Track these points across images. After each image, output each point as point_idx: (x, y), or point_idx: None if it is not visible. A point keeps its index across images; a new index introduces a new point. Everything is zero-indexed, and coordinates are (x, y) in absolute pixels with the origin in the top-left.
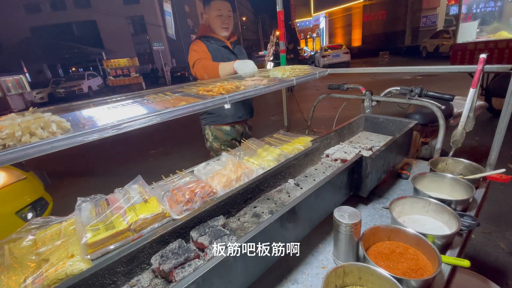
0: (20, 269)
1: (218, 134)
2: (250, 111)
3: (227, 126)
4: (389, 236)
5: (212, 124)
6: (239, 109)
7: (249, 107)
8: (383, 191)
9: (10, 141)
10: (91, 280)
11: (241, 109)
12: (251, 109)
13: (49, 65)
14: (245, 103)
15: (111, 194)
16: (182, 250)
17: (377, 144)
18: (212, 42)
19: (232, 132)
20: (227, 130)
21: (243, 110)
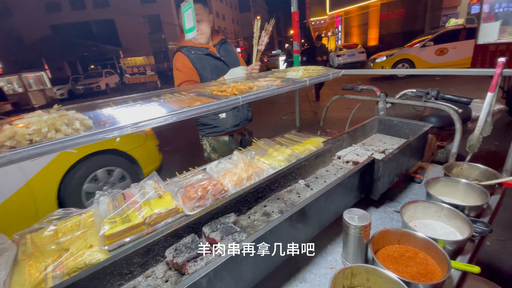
0: (42, 257)
1: (216, 145)
2: (247, 116)
3: (225, 136)
4: (399, 240)
5: (209, 135)
6: (236, 116)
7: (245, 112)
8: (395, 195)
9: (37, 137)
10: (110, 269)
11: (238, 116)
12: (249, 113)
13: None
14: (241, 109)
15: (127, 189)
16: (194, 245)
17: (391, 147)
18: (193, 52)
19: (230, 142)
20: (225, 140)
21: (240, 117)
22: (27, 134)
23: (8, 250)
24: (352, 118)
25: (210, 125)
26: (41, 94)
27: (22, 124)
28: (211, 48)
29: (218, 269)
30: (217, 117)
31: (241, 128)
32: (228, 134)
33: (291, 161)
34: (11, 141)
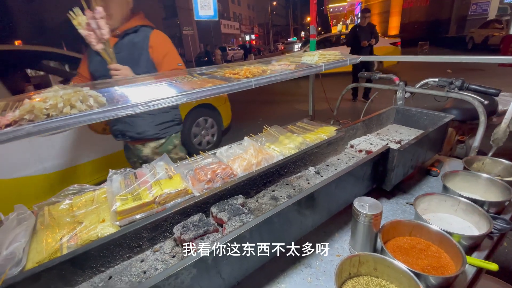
0: (58, 228)
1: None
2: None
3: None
4: (410, 232)
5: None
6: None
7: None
8: (408, 187)
9: (53, 111)
10: (119, 241)
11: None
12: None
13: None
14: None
15: (139, 169)
16: (202, 223)
17: (407, 138)
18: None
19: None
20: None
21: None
22: (44, 109)
23: (27, 220)
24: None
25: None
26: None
27: (40, 98)
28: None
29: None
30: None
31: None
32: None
33: (301, 149)
34: (30, 114)
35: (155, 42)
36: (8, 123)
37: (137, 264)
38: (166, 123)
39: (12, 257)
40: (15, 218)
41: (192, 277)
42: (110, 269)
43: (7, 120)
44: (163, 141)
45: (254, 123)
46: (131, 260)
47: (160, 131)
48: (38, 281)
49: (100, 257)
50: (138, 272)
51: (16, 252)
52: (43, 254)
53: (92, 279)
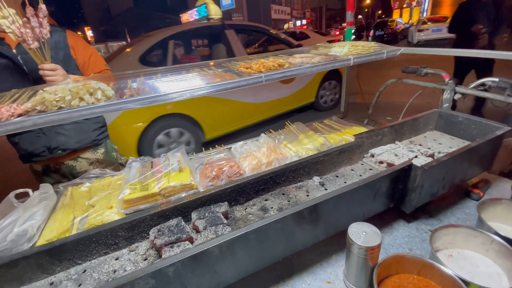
0: (74, 209)
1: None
2: (71, 142)
3: (37, 166)
4: (419, 271)
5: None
6: (37, 142)
7: (53, 137)
8: (437, 210)
9: (62, 104)
10: (95, 238)
11: (41, 142)
12: (66, 140)
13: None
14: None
15: (157, 158)
16: (177, 229)
17: (447, 149)
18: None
19: (46, 175)
20: (38, 171)
21: (42, 144)
22: (54, 101)
23: (47, 199)
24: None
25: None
26: None
27: (51, 91)
28: (7, 38)
29: (187, 261)
30: (12, 140)
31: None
32: (39, 164)
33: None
34: (41, 105)
35: (75, 42)
36: (21, 112)
37: (111, 261)
38: (102, 127)
39: (24, 234)
40: (37, 196)
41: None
42: (87, 262)
43: (21, 109)
44: (103, 150)
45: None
46: (107, 257)
47: (97, 136)
48: (16, 267)
49: (76, 251)
50: (109, 270)
51: (28, 229)
52: (54, 233)
53: (69, 270)
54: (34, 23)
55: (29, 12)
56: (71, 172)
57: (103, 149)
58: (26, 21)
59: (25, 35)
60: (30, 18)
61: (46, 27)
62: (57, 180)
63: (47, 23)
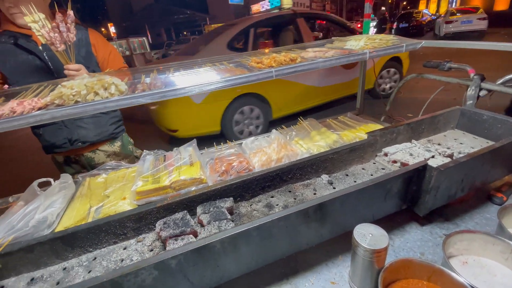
0: (90, 199)
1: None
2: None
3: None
4: (429, 277)
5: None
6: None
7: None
8: (454, 214)
9: (78, 98)
10: (104, 227)
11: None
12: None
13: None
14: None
15: (170, 152)
16: (183, 222)
17: (468, 149)
18: (3, 40)
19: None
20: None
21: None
22: (71, 95)
23: (67, 188)
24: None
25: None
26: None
27: (68, 85)
28: (35, 35)
29: (190, 254)
30: (36, 132)
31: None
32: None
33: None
34: (59, 99)
35: (96, 40)
36: (41, 106)
37: (119, 250)
38: (118, 121)
39: (44, 220)
40: (58, 185)
41: (155, 278)
42: (97, 250)
43: (41, 103)
44: (120, 143)
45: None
46: (115, 246)
47: (114, 130)
48: (32, 252)
49: (87, 239)
50: (117, 259)
51: (48, 216)
52: (71, 220)
53: (81, 256)
54: (62, 28)
55: (59, 18)
56: (89, 163)
57: (119, 142)
58: (55, 26)
59: (53, 38)
60: (59, 23)
61: (73, 31)
62: (77, 170)
63: (74, 28)
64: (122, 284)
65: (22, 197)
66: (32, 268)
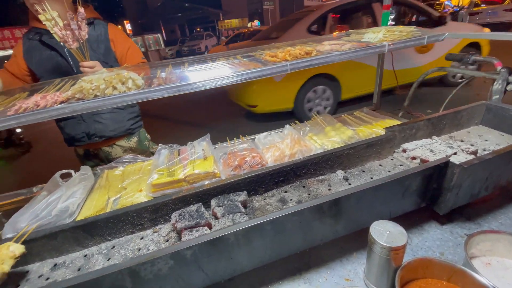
0: (108, 190)
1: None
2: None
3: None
4: (449, 277)
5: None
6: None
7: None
8: (477, 213)
9: (97, 92)
10: (122, 217)
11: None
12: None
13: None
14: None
15: (184, 146)
16: (197, 214)
17: (493, 147)
18: (31, 37)
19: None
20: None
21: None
22: (90, 89)
23: (86, 180)
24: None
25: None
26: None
27: (88, 80)
28: None
29: (205, 245)
30: (59, 125)
31: (95, 144)
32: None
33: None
34: (80, 94)
35: (115, 35)
36: (63, 100)
37: (136, 240)
38: (136, 117)
39: (66, 210)
40: (78, 176)
41: (170, 267)
42: (116, 239)
43: (63, 97)
44: (136, 139)
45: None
46: (133, 236)
47: (131, 126)
48: (55, 239)
49: (106, 228)
50: (134, 248)
51: (70, 206)
52: (91, 210)
53: (100, 245)
54: (73, 25)
55: (69, 16)
56: (107, 157)
57: (136, 138)
58: (66, 23)
59: (66, 36)
60: (70, 21)
61: (85, 29)
62: (96, 163)
63: (86, 26)
64: (139, 272)
65: (45, 187)
66: (55, 254)
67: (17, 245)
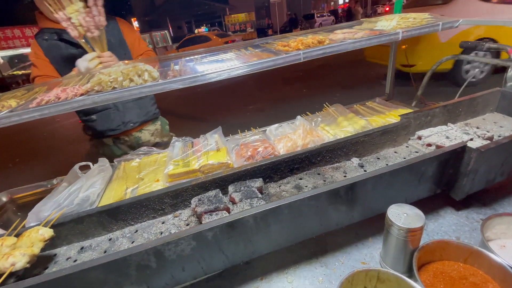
0: (126, 181)
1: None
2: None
3: (108, 139)
4: (466, 258)
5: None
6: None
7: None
8: (493, 199)
9: (115, 84)
10: (145, 202)
11: (118, 117)
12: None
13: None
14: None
15: (197, 138)
16: (216, 199)
17: (509, 133)
18: (47, 38)
19: (116, 147)
20: (108, 145)
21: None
22: (108, 82)
23: (104, 171)
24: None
25: (87, 127)
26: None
27: (106, 72)
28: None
29: (225, 227)
30: (89, 119)
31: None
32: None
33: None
34: (98, 86)
35: (124, 27)
36: (83, 92)
37: (158, 224)
38: (155, 104)
39: (87, 199)
40: (97, 168)
41: (192, 248)
42: (138, 224)
43: (83, 90)
44: (159, 122)
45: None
46: (155, 220)
47: (154, 111)
48: (82, 223)
49: (129, 213)
50: (157, 232)
51: (90, 195)
52: (110, 200)
53: (123, 229)
54: (95, 11)
55: (91, 2)
56: (137, 142)
57: (159, 122)
58: (88, 10)
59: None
60: (92, 7)
61: (103, 14)
62: (124, 151)
63: (104, 11)
64: (163, 252)
65: (65, 179)
66: (81, 238)
67: (46, 228)
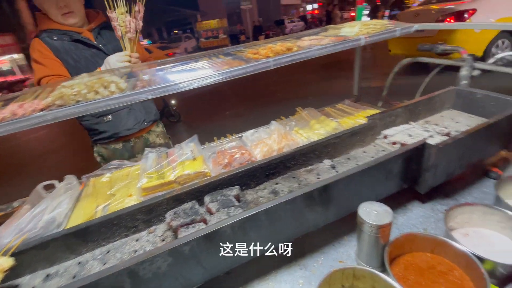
0: (96, 198)
1: (106, 154)
2: (147, 117)
3: (118, 143)
4: (433, 249)
5: (98, 142)
6: (129, 117)
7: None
8: (454, 190)
9: (79, 98)
10: (116, 221)
11: (133, 116)
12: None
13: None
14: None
15: (171, 149)
16: (192, 211)
17: (464, 128)
18: (56, 38)
19: (125, 150)
20: (117, 148)
21: (134, 117)
22: (71, 95)
23: (72, 189)
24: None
25: (95, 130)
26: None
27: (68, 85)
28: (85, 33)
29: (202, 240)
30: (101, 120)
31: (140, 131)
32: (121, 140)
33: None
34: (60, 100)
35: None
36: (43, 107)
37: (132, 242)
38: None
39: (53, 221)
40: (63, 186)
41: (169, 264)
42: (110, 243)
43: (43, 104)
44: (161, 125)
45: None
46: (128, 238)
47: (156, 110)
48: (46, 248)
49: (100, 233)
50: (130, 250)
51: (57, 217)
52: (79, 220)
53: (94, 251)
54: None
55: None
56: (146, 143)
57: (161, 124)
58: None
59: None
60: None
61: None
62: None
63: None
64: (138, 271)
65: (27, 200)
66: (47, 264)
67: (5, 258)
